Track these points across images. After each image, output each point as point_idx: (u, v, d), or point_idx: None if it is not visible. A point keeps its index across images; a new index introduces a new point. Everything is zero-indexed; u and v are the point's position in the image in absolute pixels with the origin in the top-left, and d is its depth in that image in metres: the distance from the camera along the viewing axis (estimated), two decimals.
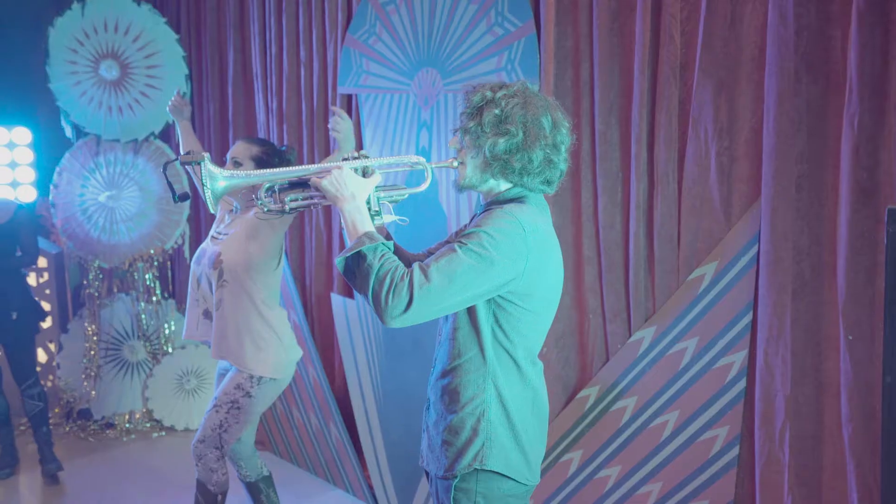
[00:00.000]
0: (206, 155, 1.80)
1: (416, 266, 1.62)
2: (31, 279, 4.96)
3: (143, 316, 4.81)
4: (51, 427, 4.17)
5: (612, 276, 2.61)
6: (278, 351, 2.81)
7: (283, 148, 2.95)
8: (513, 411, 1.75)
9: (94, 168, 4.70)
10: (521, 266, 1.67)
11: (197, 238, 4.93)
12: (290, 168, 1.84)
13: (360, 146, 3.59)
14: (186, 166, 2.16)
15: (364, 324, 3.53)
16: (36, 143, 5.13)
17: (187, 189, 4.36)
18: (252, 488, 3.04)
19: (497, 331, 1.74)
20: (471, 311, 1.74)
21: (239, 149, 2.87)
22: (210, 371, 4.76)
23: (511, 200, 1.77)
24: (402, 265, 1.64)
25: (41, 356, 4.99)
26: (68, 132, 4.73)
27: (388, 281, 1.60)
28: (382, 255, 1.65)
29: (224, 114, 4.64)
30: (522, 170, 1.72)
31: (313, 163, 3.02)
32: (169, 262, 5.04)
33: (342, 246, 3.71)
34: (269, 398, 2.85)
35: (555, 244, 1.80)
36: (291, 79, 3.96)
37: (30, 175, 5.08)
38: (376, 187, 1.81)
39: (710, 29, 2.29)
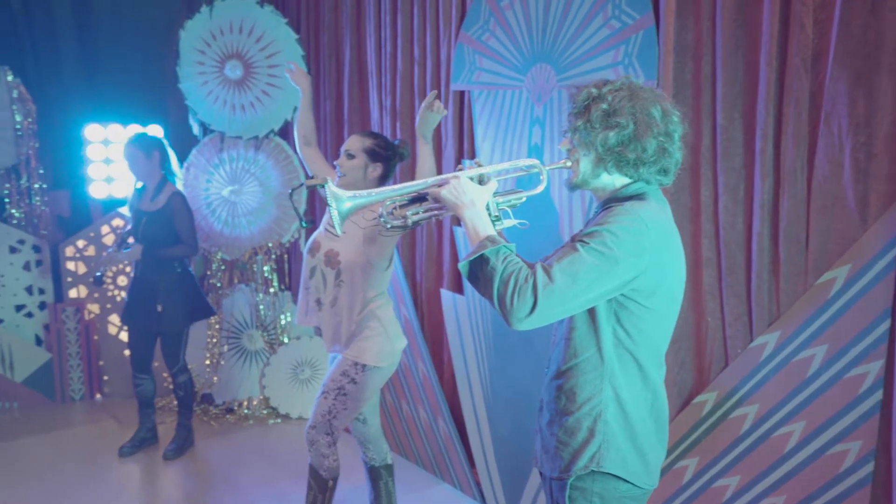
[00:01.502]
0: (328, 179, 1.87)
1: (538, 267, 1.61)
2: None
3: (261, 307, 5.01)
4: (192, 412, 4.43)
5: (733, 278, 2.50)
6: (382, 340, 2.88)
7: (397, 141, 2.99)
8: (631, 413, 1.72)
9: (219, 164, 4.92)
10: (645, 263, 1.64)
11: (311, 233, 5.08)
12: (409, 183, 1.88)
13: (471, 142, 3.60)
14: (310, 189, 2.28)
15: (473, 320, 3.54)
16: (166, 139, 5.43)
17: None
18: (373, 473, 3.12)
19: (619, 330, 1.71)
20: (590, 311, 1.71)
21: (352, 141, 2.95)
22: (323, 361, 4.89)
23: (631, 197, 1.74)
24: (525, 267, 1.63)
25: None
26: (195, 129, 4.98)
27: (512, 283, 1.59)
28: (505, 258, 1.64)
29: (339, 111, 4.75)
30: (637, 160, 1.70)
31: (422, 160, 3.04)
32: (286, 255, 5.22)
33: (452, 243, 3.73)
34: (375, 385, 2.92)
35: (677, 240, 1.77)
36: (405, 76, 4.01)
37: None
38: (494, 193, 1.83)
39: (847, 16, 2.14)
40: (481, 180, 1.82)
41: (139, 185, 4.20)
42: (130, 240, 4.24)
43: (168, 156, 4.22)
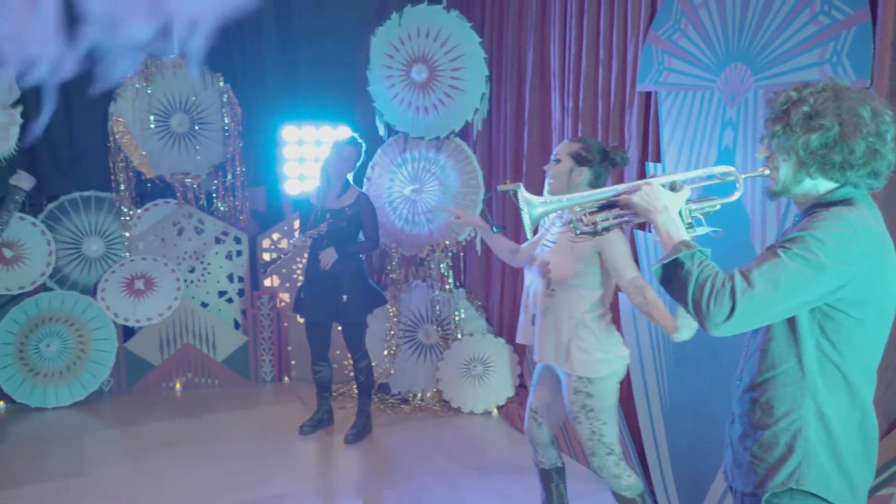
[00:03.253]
0: (520, 184, 1.93)
1: (736, 272, 1.57)
2: None
3: (436, 303, 5.17)
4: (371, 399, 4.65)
5: None
6: (596, 350, 2.83)
7: (611, 147, 2.92)
8: (836, 431, 1.63)
9: (402, 163, 5.14)
10: (853, 271, 1.56)
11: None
12: (600, 190, 1.90)
13: (656, 144, 3.52)
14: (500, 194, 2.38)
15: (652, 326, 3.46)
16: None
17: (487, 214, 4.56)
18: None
19: (823, 342, 1.63)
20: (790, 321, 1.64)
21: (561, 146, 2.96)
22: (496, 359, 4.98)
23: (837, 203, 1.65)
24: (722, 272, 1.59)
25: None
26: (381, 130, 5.21)
27: (708, 287, 1.56)
28: (701, 262, 1.62)
29: (520, 113, 4.81)
30: (844, 163, 1.62)
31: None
32: (462, 254, 5.36)
33: (634, 247, 3.67)
34: (609, 392, 2.88)
35: (890, 248, 1.65)
36: (589, 78, 3.99)
37: None
38: (687, 200, 1.80)
39: None
40: (673, 187, 1.80)
41: (321, 183, 4.45)
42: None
43: (360, 159, 4.46)
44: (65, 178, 5.42)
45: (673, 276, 1.64)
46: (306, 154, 5.70)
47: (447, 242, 5.13)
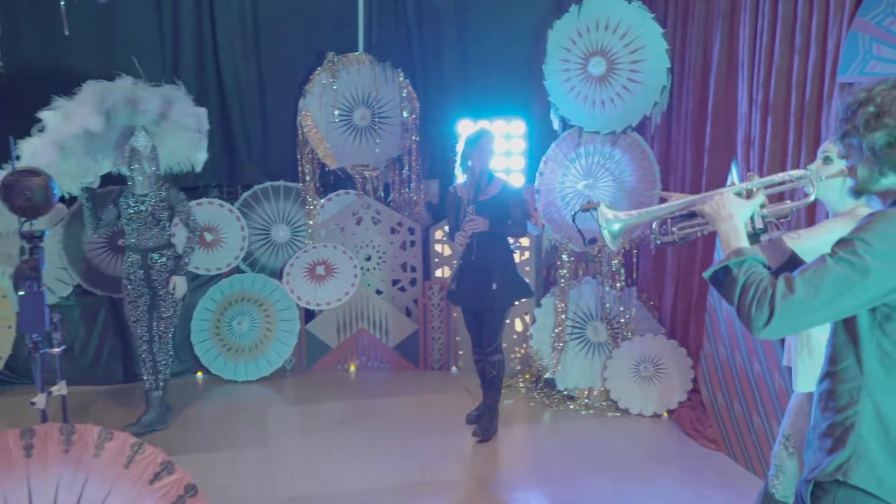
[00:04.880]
0: (601, 202, 2.00)
1: (781, 277, 1.60)
2: (515, 256, 5.57)
3: (606, 300, 5.07)
4: (501, 393, 4.57)
5: None
6: (808, 366, 2.68)
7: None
8: (894, 431, 1.62)
9: (575, 158, 5.07)
10: None
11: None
12: (677, 201, 1.96)
13: None
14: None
15: None
16: (529, 133, 5.74)
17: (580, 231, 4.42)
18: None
19: (885, 343, 1.62)
20: (849, 321, 1.65)
21: (829, 146, 2.80)
22: (668, 362, 4.81)
23: None
24: (768, 277, 1.63)
25: (518, 326, 5.60)
26: (555, 124, 5.17)
27: (751, 292, 1.62)
28: (749, 269, 1.67)
29: (703, 106, 4.60)
30: None
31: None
32: (634, 251, 5.21)
33: None
34: None
35: None
36: (781, 68, 3.75)
37: (521, 163, 5.70)
38: (761, 205, 1.86)
39: None
40: (749, 194, 1.85)
41: (464, 176, 4.48)
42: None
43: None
44: (258, 168, 5.83)
45: (724, 282, 1.71)
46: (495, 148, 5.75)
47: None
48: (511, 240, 4.59)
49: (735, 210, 1.81)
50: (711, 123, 4.43)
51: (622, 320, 5.02)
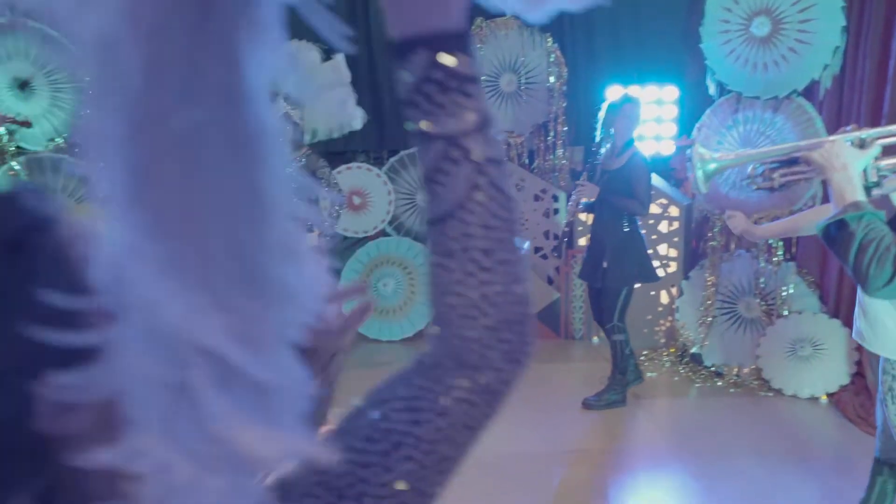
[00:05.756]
0: (696, 141, 1.89)
1: None
2: (663, 226, 5.41)
3: (761, 275, 4.82)
4: (623, 370, 4.44)
5: None
6: (892, 328, 2.53)
7: None
8: None
9: (732, 125, 4.81)
10: None
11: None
12: (781, 146, 1.89)
13: None
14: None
15: None
16: (681, 100, 5.51)
17: None
18: (877, 466, 2.82)
19: None
20: None
21: None
22: (828, 342, 4.54)
23: None
24: (890, 235, 1.55)
25: (663, 298, 5.44)
26: (712, 90, 4.93)
27: (871, 249, 1.55)
28: (868, 224, 1.58)
29: (883, 69, 4.23)
30: None
31: None
32: None
33: None
34: None
35: None
36: None
37: (672, 130, 5.49)
38: (875, 157, 1.75)
39: None
40: (862, 144, 1.74)
41: (607, 144, 4.35)
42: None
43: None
44: (405, 134, 5.92)
45: (837, 236, 1.63)
46: (645, 115, 5.57)
47: (778, 213, 4.73)
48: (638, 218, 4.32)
49: (850, 160, 1.71)
50: (891, 87, 4.07)
51: (779, 296, 4.76)
